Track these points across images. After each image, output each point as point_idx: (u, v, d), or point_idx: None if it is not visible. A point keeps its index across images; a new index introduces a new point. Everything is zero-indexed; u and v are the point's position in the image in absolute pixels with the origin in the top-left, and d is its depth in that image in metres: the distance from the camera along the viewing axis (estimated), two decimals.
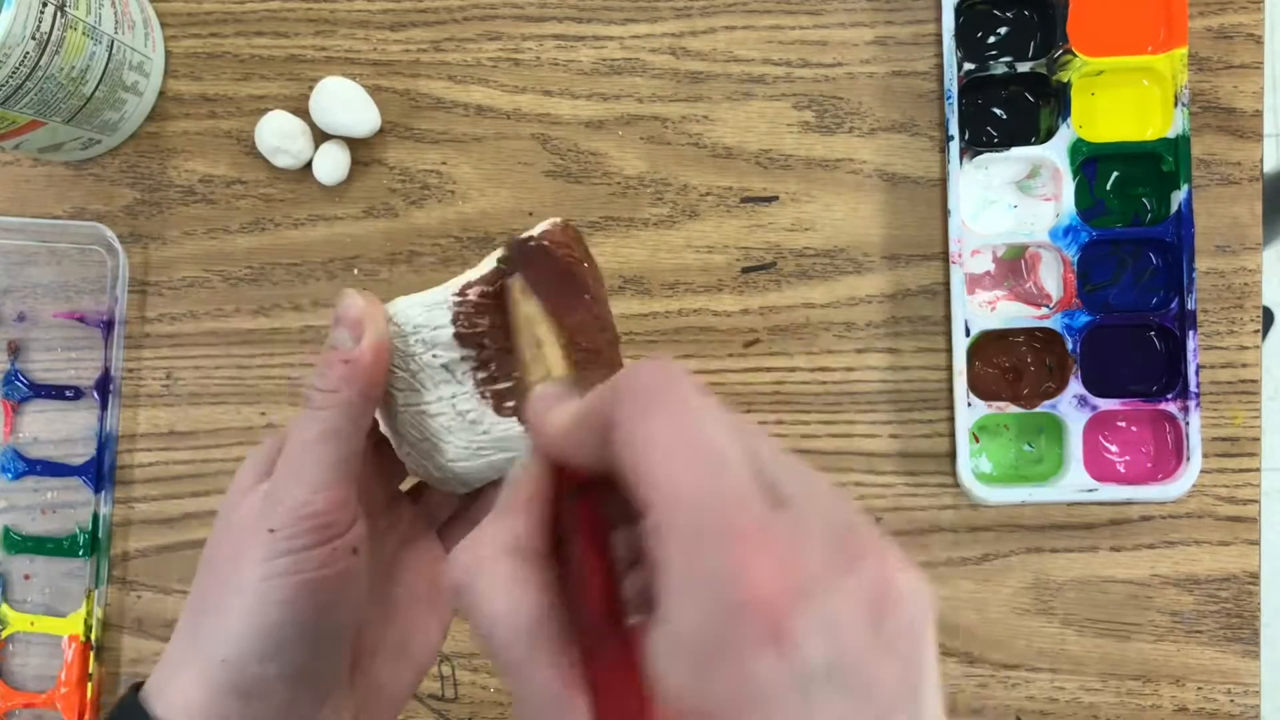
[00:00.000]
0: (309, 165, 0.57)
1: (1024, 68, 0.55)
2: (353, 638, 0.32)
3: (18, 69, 0.47)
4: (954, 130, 0.55)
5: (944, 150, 0.56)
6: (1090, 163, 0.56)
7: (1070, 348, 0.54)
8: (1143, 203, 0.56)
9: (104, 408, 0.58)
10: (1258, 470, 0.55)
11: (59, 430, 0.59)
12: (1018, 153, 0.55)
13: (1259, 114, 0.55)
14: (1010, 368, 0.56)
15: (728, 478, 0.22)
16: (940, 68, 0.56)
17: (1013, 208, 0.56)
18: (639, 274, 0.57)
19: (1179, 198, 0.54)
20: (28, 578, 0.59)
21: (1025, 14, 0.56)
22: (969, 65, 0.55)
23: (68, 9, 0.49)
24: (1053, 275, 0.56)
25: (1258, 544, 0.55)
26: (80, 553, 0.58)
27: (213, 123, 0.58)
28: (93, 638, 0.57)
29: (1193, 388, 0.54)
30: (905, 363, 0.56)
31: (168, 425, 0.58)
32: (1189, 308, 0.54)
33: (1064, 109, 0.55)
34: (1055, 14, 0.55)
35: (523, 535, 0.25)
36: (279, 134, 0.56)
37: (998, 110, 0.57)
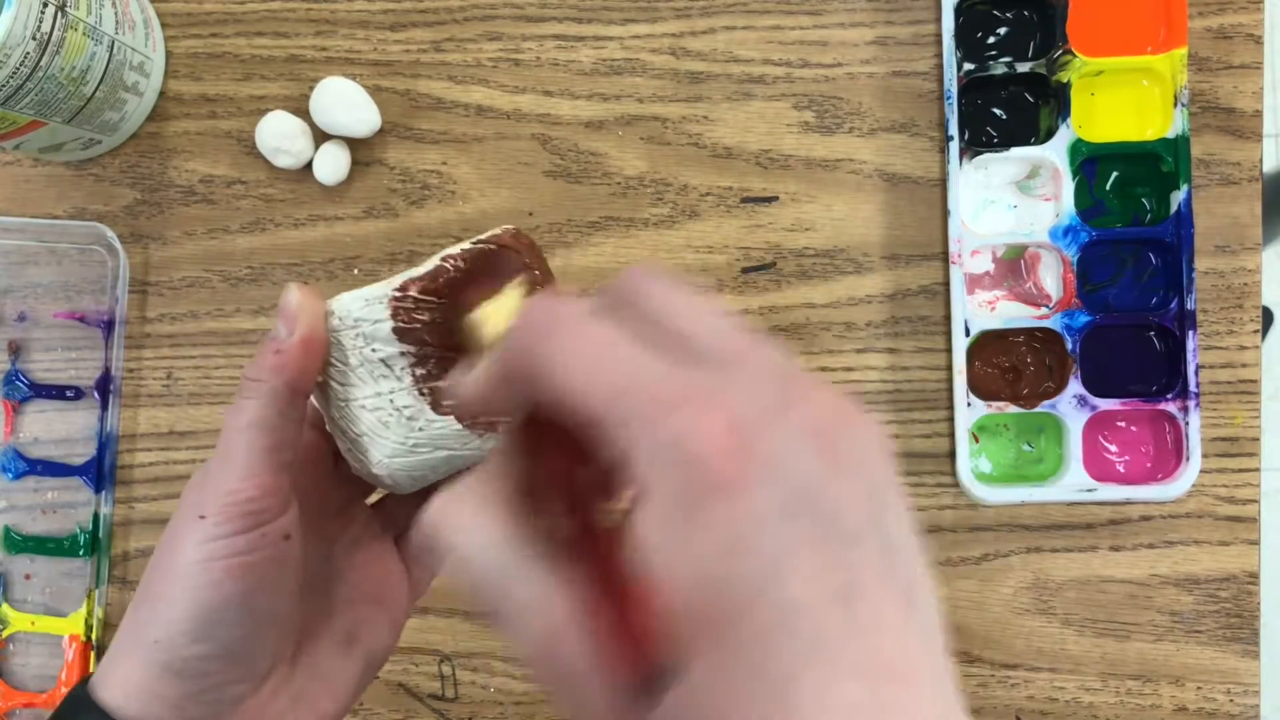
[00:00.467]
0: (309, 165, 0.57)
1: (1024, 68, 0.55)
2: (289, 623, 0.33)
3: (18, 69, 0.47)
4: (954, 130, 0.55)
5: (944, 150, 0.56)
6: (1090, 163, 0.56)
7: (1070, 348, 0.54)
8: (1142, 203, 0.56)
9: (104, 408, 0.58)
10: (1257, 470, 0.55)
11: (59, 430, 0.59)
12: (1017, 153, 0.55)
13: (1259, 114, 0.55)
14: (1010, 368, 0.56)
15: (650, 360, 0.22)
16: (940, 68, 0.56)
17: (1012, 208, 0.56)
18: None
19: (1179, 198, 0.54)
20: (28, 578, 0.59)
21: (1025, 14, 0.56)
22: (969, 65, 0.55)
23: (68, 9, 0.49)
24: (1052, 275, 0.56)
25: (1257, 544, 0.55)
26: (81, 553, 0.58)
27: (213, 123, 0.59)
28: (93, 638, 0.57)
29: (1192, 388, 0.54)
30: (905, 363, 0.56)
31: (168, 425, 0.58)
32: (1189, 308, 0.54)
33: (1064, 109, 0.55)
34: (1055, 14, 0.55)
35: (488, 485, 0.25)
36: (279, 134, 0.56)
37: (998, 110, 0.57)
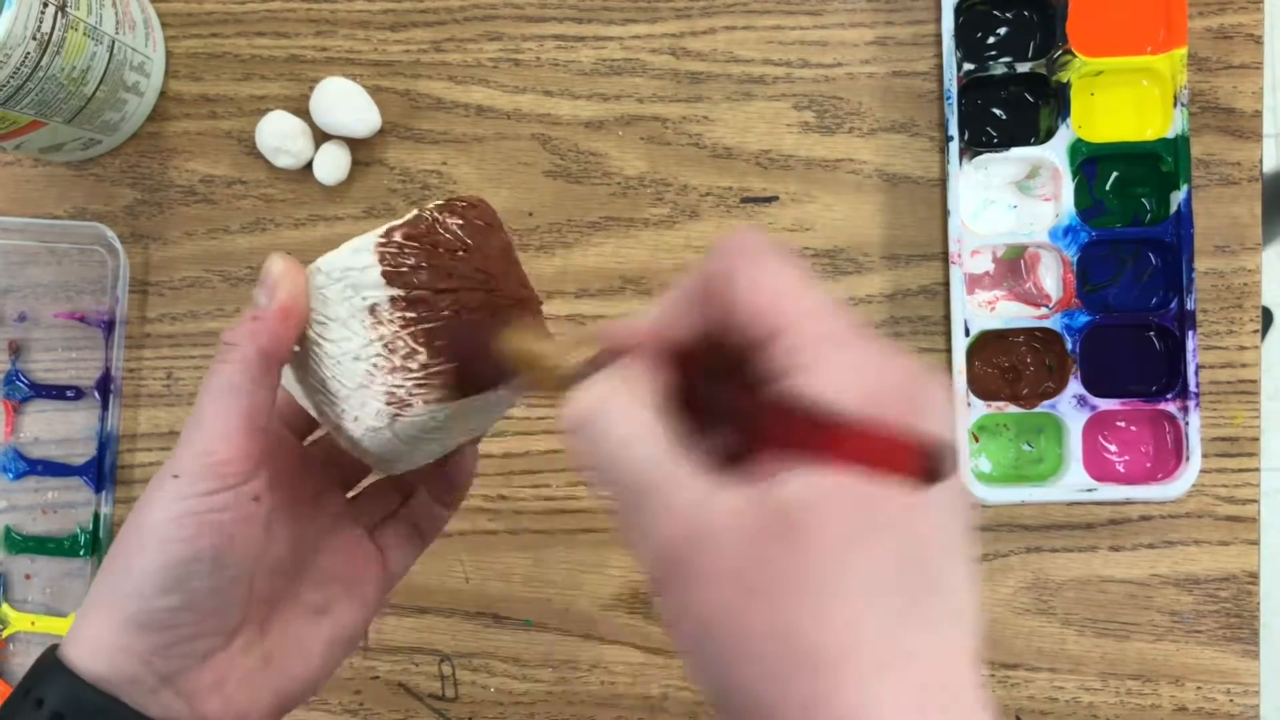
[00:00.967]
0: (309, 165, 0.57)
1: (1024, 68, 0.55)
2: (255, 583, 0.34)
3: (19, 69, 0.47)
4: (954, 130, 0.55)
5: (944, 150, 0.56)
6: (1090, 163, 0.56)
7: (1070, 348, 0.54)
8: (1142, 203, 0.56)
9: (105, 408, 0.58)
10: (1257, 470, 0.55)
11: (60, 430, 0.59)
12: (1017, 153, 0.55)
13: (1258, 114, 0.55)
14: (1010, 368, 0.57)
15: (833, 304, 0.26)
16: (940, 68, 0.56)
17: (1012, 208, 0.56)
18: (639, 274, 0.57)
19: (1178, 198, 0.54)
20: (28, 578, 0.59)
21: (1025, 14, 0.56)
22: (969, 65, 0.55)
23: (68, 9, 0.49)
24: (1052, 275, 0.56)
25: (1257, 544, 0.55)
26: (81, 553, 0.58)
27: (213, 123, 0.59)
28: None
29: (1192, 388, 0.54)
30: None
31: (168, 425, 0.58)
32: (1188, 308, 0.54)
33: (1064, 109, 0.55)
34: (1055, 14, 0.55)
35: (633, 379, 0.27)
36: (279, 134, 0.56)
37: (997, 110, 0.57)
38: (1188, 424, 0.54)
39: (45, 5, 0.47)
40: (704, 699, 0.24)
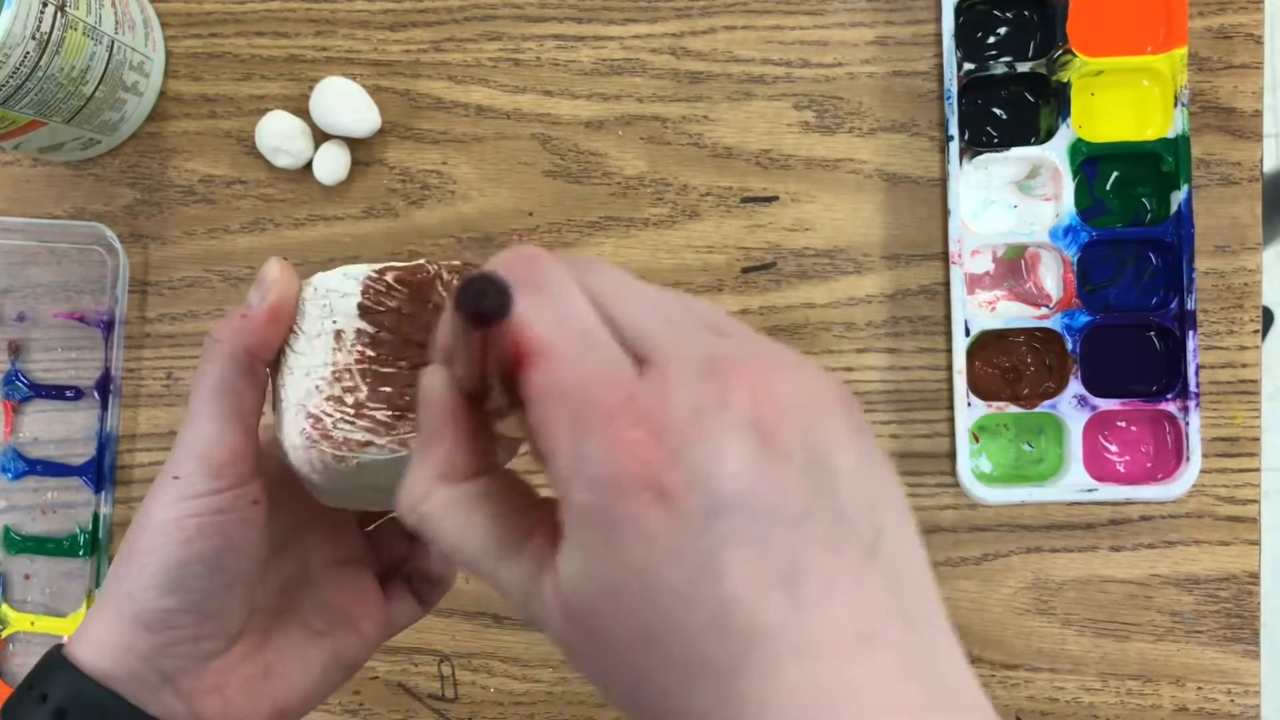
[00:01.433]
0: (309, 165, 0.57)
1: (1024, 68, 0.55)
2: (254, 588, 0.34)
3: (18, 69, 0.47)
4: (954, 130, 0.55)
5: (944, 150, 0.56)
6: (1090, 163, 0.56)
7: (1070, 348, 0.54)
8: (1143, 203, 0.56)
9: (104, 408, 0.58)
10: (1258, 470, 0.55)
11: (59, 430, 0.59)
12: (1018, 153, 0.55)
13: (1259, 114, 0.55)
14: (1010, 368, 0.56)
15: (587, 363, 0.23)
16: (940, 68, 0.56)
17: (1013, 208, 0.56)
18: (639, 274, 0.56)
19: (1179, 198, 0.54)
20: (28, 578, 0.59)
21: (1025, 14, 0.56)
22: (969, 65, 0.55)
23: (68, 9, 0.49)
24: (1052, 275, 0.56)
25: (1258, 544, 0.55)
26: (80, 553, 0.58)
27: (213, 123, 0.58)
28: None
29: (1192, 388, 0.54)
30: (905, 363, 0.56)
31: (168, 425, 0.58)
32: (1189, 308, 0.54)
33: (1064, 109, 0.55)
34: (1055, 14, 0.55)
35: (448, 456, 0.27)
36: (279, 134, 0.56)
37: (998, 110, 0.57)
38: (1188, 424, 0.54)
39: (45, 5, 0.47)
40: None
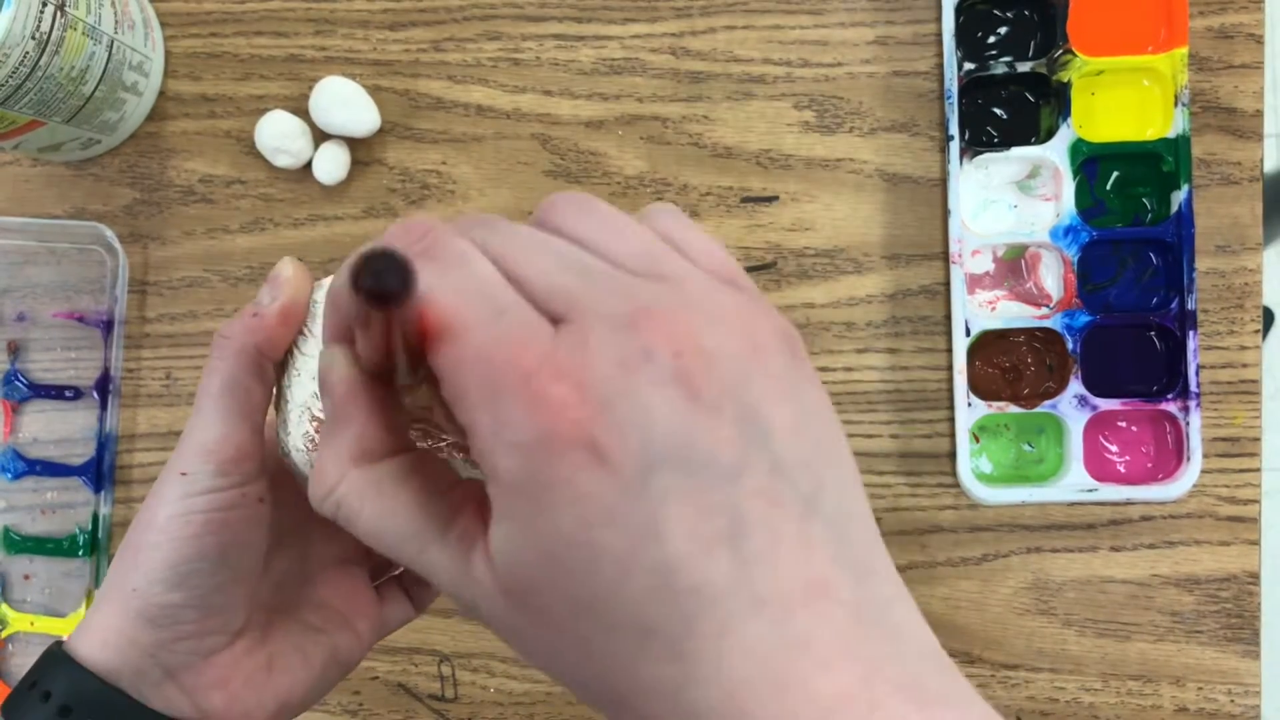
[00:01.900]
0: (309, 165, 0.57)
1: (1024, 68, 0.55)
2: (258, 585, 0.34)
3: (17, 69, 0.47)
4: (954, 130, 0.55)
5: (944, 150, 0.56)
6: (1090, 163, 0.56)
7: (1070, 348, 0.54)
8: (1143, 203, 0.56)
9: (104, 408, 0.58)
10: (1258, 470, 0.55)
11: (59, 430, 0.59)
12: (1018, 153, 0.55)
13: (1259, 114, 0.55)
14: (1010, 367, 0.56)
15: (497, 325, 0.22)
16: (940, 68, 0.56)
17: (1013, 208, 0.56)
18: None
19: (1179, 198, 0.54)
20: (28, 578, 0.58)
21: (1025, 14, 0.56)
22: (969, 65, 0.55)
23: (67, 9, 0.49)
24: (1053, 275, 0.56)
25: (1258, 544, 0.55)
26: (80, 553, 0.58)
27: (212, 123, 0.58)
28: None
29: (1193, 388, 0.54)
30: (905, 363, 0.56)
31: (167, 425, 0.58)
32: (1189, 308, 0.54)
33: (1064, 109, 0.54)
34: (1055, 14, 0.55)
35: (359, 436, 0.26)
36: (279, 134, 0.56)
37: (998, 110, 0.57)
38: (1189, 424, 0.54)
39: (44, 4, 0.47)
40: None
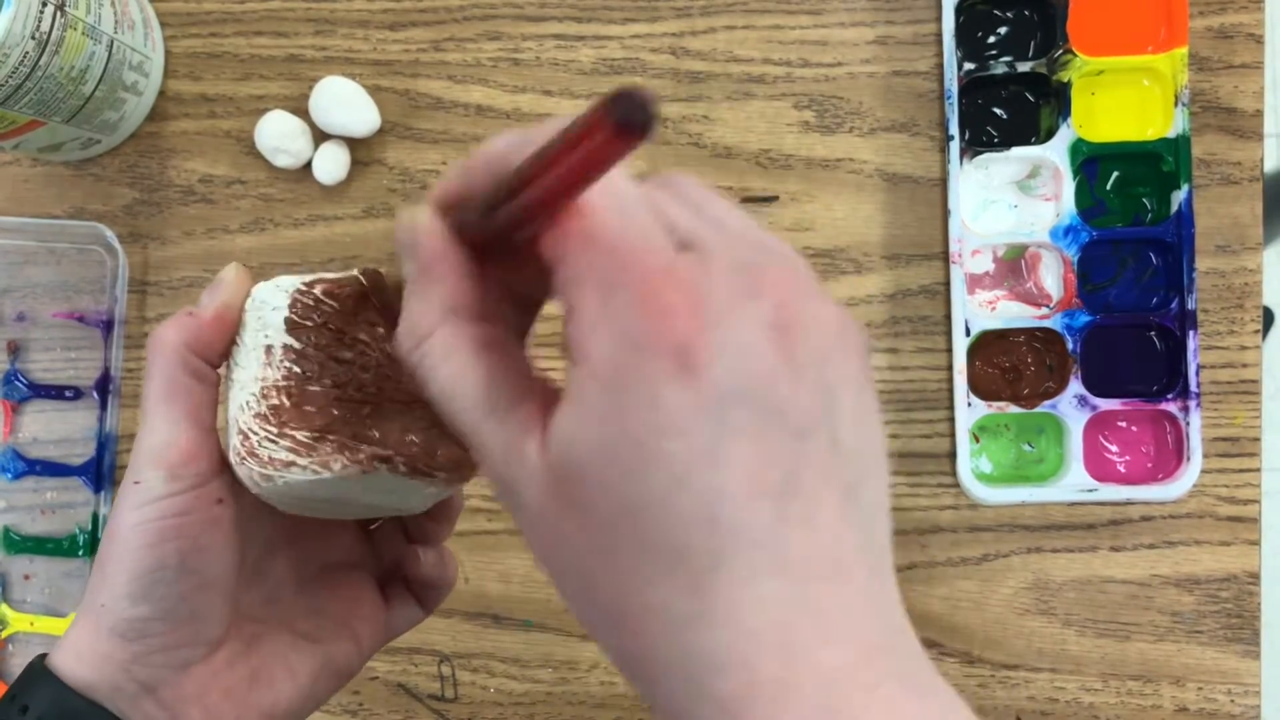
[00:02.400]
0: (309, 165, 0.57)
1: (1024, 68, 0.55)
2: (230, 591, 0.33)
3: (17, 69, 0.47)
4: (954, 130, 0.55)
5: (944, 150, 0.56)
6: (1090, 162, 0.56)
7: (1070, 348, 0.54)
8: (1143, 203, 0.56)
9: (104, 408, 0.58)
10: (1258, 470, 0.55)
11: (59, 430, 0.59)
12: (1018, 153, 0.55)
13: (1259, 114, 0.55)
14: (1010, 367, 0.56)
15: (634, 226, 0.23)
16: (940, 68, 0.56)
17: (1013, 208, 0.56)
18: None
19: (1179, 198, 0.54)
20: (28, 578, 0.58)
21: (1025, 14, 0.56)
22: (969, 65, 0.55)
23: (67, 9, 0.49)
24: (1053, 275, 0.56)
25: (1258, 544, 0.55)
26: (80, 553, 0.58)
27: (212, 122, 0.58)
28: None
29: (1193, 388, 0.54)
30: (905, 362, 0.56)
31: None
32: (1189, 308, 0.54)
33: (1064, 109, 0.54)
34: (1055, 14, 0.55)
35: (455, 290, 0.26)
36: (279, 134, 0.56)
37: (998, 110, 0.57)
38: (1189, 424, 0.54)
39: (44, 4, 0.47)
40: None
